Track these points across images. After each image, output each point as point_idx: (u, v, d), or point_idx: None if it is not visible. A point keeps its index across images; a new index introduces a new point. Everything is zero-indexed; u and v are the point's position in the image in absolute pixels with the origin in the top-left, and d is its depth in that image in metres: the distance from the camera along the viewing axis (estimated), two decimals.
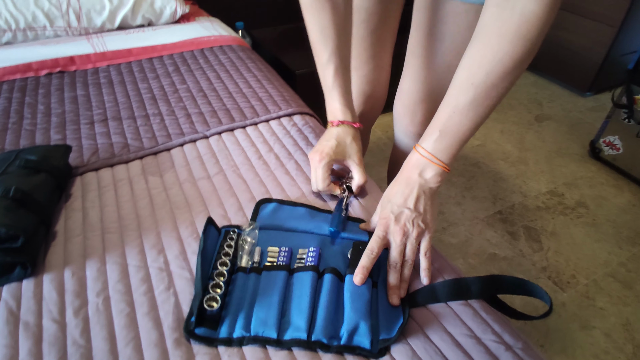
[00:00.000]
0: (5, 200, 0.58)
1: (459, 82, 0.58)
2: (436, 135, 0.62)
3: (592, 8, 2.20)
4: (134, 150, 0.83)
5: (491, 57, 0.54)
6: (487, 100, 0.58)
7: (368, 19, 0.88)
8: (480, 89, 0.57)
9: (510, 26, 0.51)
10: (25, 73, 1.07)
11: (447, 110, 0.60)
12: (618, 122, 1.77)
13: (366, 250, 0.59)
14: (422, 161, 0.63)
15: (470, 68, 0.57)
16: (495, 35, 0.53)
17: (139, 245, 0.64)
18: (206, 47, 1.23)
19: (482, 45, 0.55)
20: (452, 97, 0.60)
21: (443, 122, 0.61)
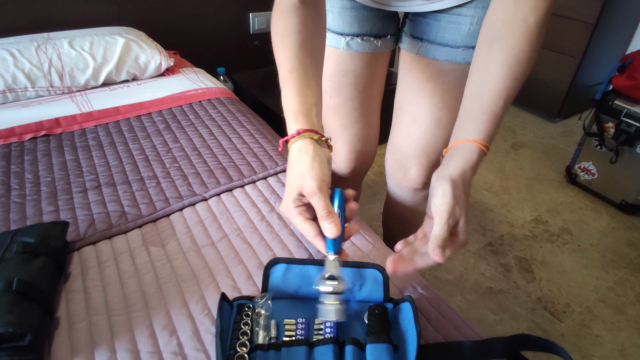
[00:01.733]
0: (8, 294, 0.54)
1: (500, 82, 0.57)
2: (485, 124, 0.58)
3: (555, 41, 2.34)
4: (132, 219, 0.80)
5: (517, 60, 0.57)
6: (514, 90, 0.59)
7: (356, 81, 0.90)
8: (511, 90, 0.58)
9: (527, 32, 0.56)
10: (8, 139, 1.04)
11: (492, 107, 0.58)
12: (590, 149, 1.85)
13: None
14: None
15: (504, 69, 0.58)
16: (516, 38, 0.57)
17: (149, 328, 0.61)
18: (194, 101, 1.23)
19: (506, 50, 0.57)
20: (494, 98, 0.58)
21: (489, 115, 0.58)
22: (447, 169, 0.55)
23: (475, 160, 0.56)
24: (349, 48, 0.86)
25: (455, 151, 0.57)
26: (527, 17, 0.56)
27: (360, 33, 0.85)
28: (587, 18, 2.16)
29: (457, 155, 0.56)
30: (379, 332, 0.59)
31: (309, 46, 0.64)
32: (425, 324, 0.65)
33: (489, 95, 0.57)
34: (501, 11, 0.58)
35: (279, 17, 0.64)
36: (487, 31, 0.60)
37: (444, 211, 0.52)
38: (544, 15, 0.57)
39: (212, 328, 0.61)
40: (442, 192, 0.53)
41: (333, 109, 0.95)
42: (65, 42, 1.27)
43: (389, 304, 0.65)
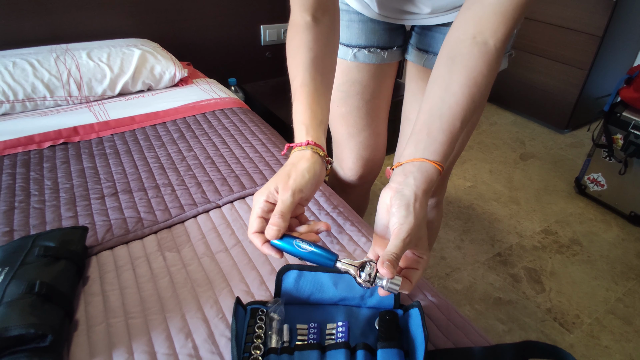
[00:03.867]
0: (31, 296, 0.56)
1: (451, 109, 0.56)
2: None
3: (563, 53, 2.35)
4: (148, 225, 0.82)
5: (476, 83, 0.57)
6: (471, 112, 0.59)
7: (362, 91, 0.92)
8: (459, 116, 0.57)
9: (488, 56, 0.57)
10: (28, 146, 1.07)
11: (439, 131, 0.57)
12: (600, 160, 1.85)
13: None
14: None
15: (458, 93, 0.57)
16: (476, 61, 0.57)
17: (165, 330, 0.63)
18: (208, 111, 1.26)
19: (466, 72, 0.57)
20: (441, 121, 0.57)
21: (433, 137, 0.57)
22: (408, 188, 0.53)
23: (434, 182, 0.55)
24: (356, 59, 0.88)
25: (415, 169, 0.54)
26: (488, 40, 0.56)
27: (367, 45, 0.87)
28: (595, 30, 2.18)
29: (418, 174, 0.54)
30: (389, 338, 0.60)
31: (320, 64, 0.67)
32: (436, 331, 0.65)
33: (448, 116, 0.56)
34: (463, 31, 0.58)
35: (294, 35, 0.68)
36: (449, 49, 0.59)
37: (405, 231, 0.50)
38: (503, 40, 0.57)
39: (227, 331, 0.63)
40: (405, 213, 0.51)
41: (340, 117, 0.97)
42: (83, 53, 1.31)
43: (399, 310, 0.66)
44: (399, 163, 0.56)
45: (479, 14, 0.56)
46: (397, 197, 0.53)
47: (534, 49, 2.49)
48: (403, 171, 0.55)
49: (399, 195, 0.53)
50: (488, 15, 0.55)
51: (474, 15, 0.57)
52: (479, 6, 0.56)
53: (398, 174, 0.55)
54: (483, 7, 0.56)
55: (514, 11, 0.54)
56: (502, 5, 0.54)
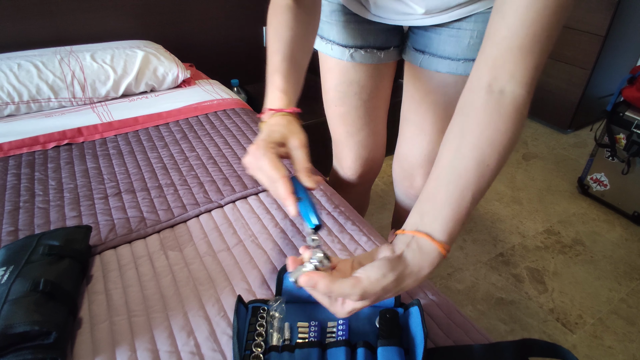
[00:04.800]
0: (35, 294, 0.57)
1: (464, 167, 0.49)
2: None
3: (565, 52, 2.35)
4: (151, 224, 0.83)
5: (490, 144, 0.49)
6: (487, 179, 0.50)
7: (360, 91, 0.93)
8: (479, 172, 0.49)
9: (506, 108, 0.48)
10: (32, 147, 1.08)
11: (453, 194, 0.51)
12: (602, 160, 1.85)
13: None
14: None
15: (473, 150, 0.50)
16: (491, 116, 0.49)
17: (168, 328, 0.63)
18: (210, 111, 1.26)
19: (478, 130, 0.49)
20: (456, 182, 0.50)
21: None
22: (404, 262, 0.48)
23: (432, 268, 0.49)
24: (352, 60, 0.89)
25: (417, 246, 0.49)
26: (505, 88, 0.47)
27: (363, 45, 0.88)
28: (597, 30, 2.18)
29: (419, 254, 0.48)
30: (389, 336, 0.60)
31: (300, 42, 0.67)
32: (436, 329, 0.66)
33: (456, 185, 0.49)
34: (476, 79, 0.49)
35: (274, 14, 0.68)
36: (462, 102, 0.51)
37: (363, 287, 0.45)
38: (525, 83, 0.47)
39: (228, 329, 0.63)
40: (381, 277, 0.46)
41: (339, 117, 0.98)
42: (87, 55, 1.33)
43: (399, 308, 0.66)
44: (403, 230, 0.51)
45: (493, 54, 0.48)
46: (389, 262, 0.47)
47: None
48: (407, 242, 0.50)
49: (391, 261, 0.47)
50: (502, 53, 0.47)
51: (487, 57, 0.48)
52: (491, 45, 0.48)
53: (402, 242, 0.50)
54: (496, 45, 0.47)
55: (532, 43, 0.45)
56: (517, 38, 0.45)
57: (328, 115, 1.01)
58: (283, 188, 0.52)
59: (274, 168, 0.53)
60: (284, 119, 0.60)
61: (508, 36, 0.46)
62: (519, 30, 0.45)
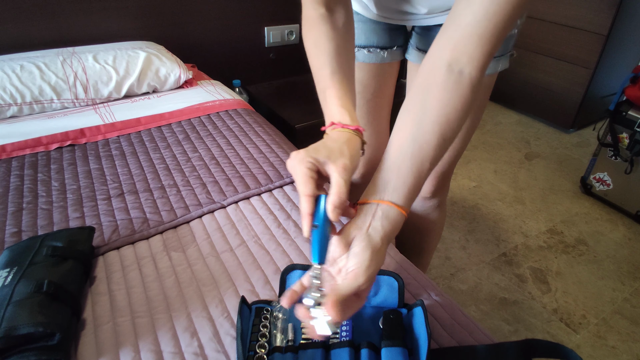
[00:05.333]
0: (39, 295, 0.57)
1: (413, 139, 0.54)
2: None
3: (567, 52, 2.34)
4: (154, 225, 0.83)
5: (448, 121, 0.53)
6: (443, 151, 0.56)
7: (363, 90, 0.93)
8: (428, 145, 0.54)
9: (463, 89, 0.53)
10: (35, 148, 1.08)
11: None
12: (605, 160, 1.84)
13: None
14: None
15: (424, 125, 0.54)
16: (450, 94, 0.53)
17: (171, 329, 0.63)
18: (212, 112, 1.27)
19: (439, 106, 0.54)
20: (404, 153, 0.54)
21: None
22: (375, 232, 0.51)
23: (398, 230, 0.54)
24: (356, 59, 0.89)
25: (383, 215, 0.52)
26: (464, 69, 0.52)
27: (367, 45, 0.87)
28: (600, 29, 2.17)
29: (386, 222, 0.52)
30: (393, 336, 0.60)
31: (344, 52, 0.65)
32: (440, 330, 0.66)
33: (418, 157, 0.53)
34: (438, 57, 0.54)
35: (310, 27, 0.66)
36: (424, 77, 0.55)
37: (362, 276, 0.49)
38: (480, 68, 0.52)
39: (232, 330, 0.63)
40: (369, 258, 0.49)
41: None
42: (89, 56, 1.33)
43: (403, 309, 0.66)
44: (365, 200, 0.54)
45: (456, 36, 0.52)
46: (363, 239, 0.50)
47: (539, 48, 2.48)
48: (371, 212, 0.52)
49: (365, 237, 0.51)
50: (465, 38, 0.51)
51: (450, 38, 0.53)
52: (455, 28, 0.52)
53: (366, 213, 0.53)
54: (460, 28, 0.52)
55: (491, 34, 0.50)
56: (480, 27, 0.50)
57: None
58: (303, 206, 0.51)
59: (301, 183, 0.51)
60: (345, 136, 0.56)
61: (472, 23, 0.50)
62: (483, 19, 0.50)
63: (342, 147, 0.55)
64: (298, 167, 0.52)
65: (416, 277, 0.74)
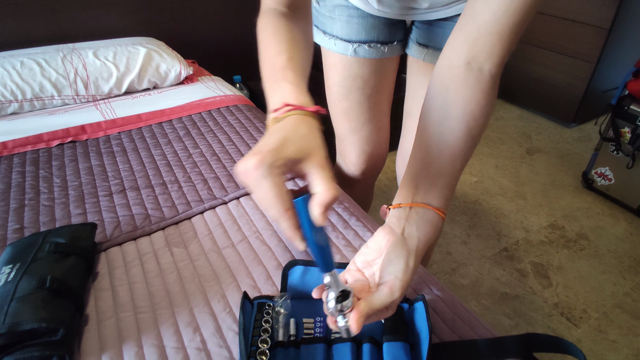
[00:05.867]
0: (42, 291, 0.58)
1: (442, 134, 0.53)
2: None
3: (569, 45, 2.33)
4: (156, 221, 0.83)
5: (474, 117, 0.53)
6: (472, 149, 0.55)
7: (364, 86, 0.93)
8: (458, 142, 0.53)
9: (484, 85, 0.52)
10: (36, 145, 1.08)
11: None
12: (607, 154, 1.84)
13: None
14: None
15: (451, 122, 0.53)
16: (472, 91, 0.52)
17: (174, 325, 0.63)
18: (213, 108, 1.26)
19: (463, 103, 0.53)
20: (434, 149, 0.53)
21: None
22: (412, 238, 0.49)
23: (439, 232, 0.52)
24: (356, 55, 0.88)
25: (418, 217, 0.50)
26: (483, 66, 0.52)
27: (367, 40, 0.87)
28: (602, 23, 2.16)
29: (422, 223, 0.50)
30: (395, 331, 0.60)
31: (301, 45, 0.59)
32: (441, 324, 0.66)
33: (447, 156, 0.52)
34: (456, 56, 0.53)
35: (268, 20, 0.61)
36: (442, 77, 0.54)
37: (399, 288, 0.47)
38: (499, 64, 0.52)
39: (234, 325, 0.64)
40: (404, 267, 0.48)
41: (342, 113, 0.97)
42: (90, 52, 1.33)
43: (404, 304, 0.66)
44: (398, 205, 0.52)
45: (474, 35, 0.52)
46: (398, 246, 0.49)
47: (540, 42, 2.47)
48: (405, 215, 0.50)
49: (400, 244, 0.49)
50: (483, 36, 0.51)
51: (468, 37, 0.52)
52: (472, 27, 0.52)
53: (399, 217, 0.51)
54: (477, 27, 0.51)
55: (510, 30, 0.50)
56: (498, 24, 0.50)
57: (331, 111, 1.01)
58: (286, 225, 0.41)
59: (274, 198, 0.40)
60: (304, 124, 0.44)
61: (491, 21, 0.50)
62: (502, 17, 0.49)
63: (310, 136, 0.44)
64: (267, 179, 0.39)
65: (417, 273, 0.74)
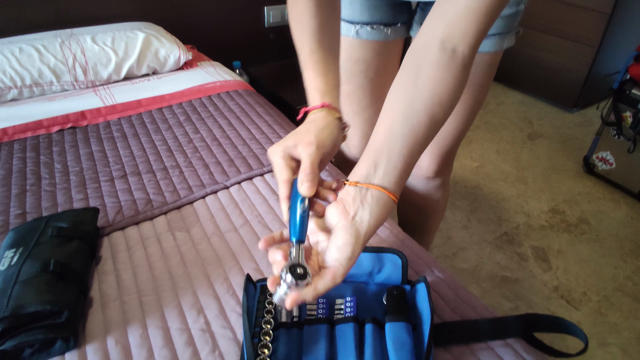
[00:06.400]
0: (45, 274, 0.58)
1: (406, 115, 0.52)
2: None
3: (571, 30, 2.31)
4: (158, 206, 0.83)
5: (440, 102, 0.52)
6: (433, 133, 0.55)
7: (366, 69, 0.92)
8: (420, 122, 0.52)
9: (456, 68, 0.52)
10: (36, 131, 1.08)
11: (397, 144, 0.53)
12: (608, 139, 1.83)
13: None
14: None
15: (420, 103, 0.52)
16: (443, 74, 0.52)
17: (178, 307, 0.64)
18: (213, 93, 1.26)
19: (432, 86, 0.52)
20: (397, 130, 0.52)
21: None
22: (363, 224, 0.49)
23: (387, 217, 0.52)
24: (358, 36, 0.87)
25: (373, 201, 0.50)
26: (457, 47, 0.50)
27: (370, 21, 0.86)
28: (603, 7, 2.13)
29: (376, 208, 0.50)
30: (397, 312, 0.61)
31: (327, 29, 0.64)
32: (443, 306, 0.66)
33: (410, 138, 0.51)
34: (431, 34, 0.52)
35: (294, 3, 0.64)
36: (416, 55, 0.53)
37: (341, 274, 0.48)
38: (473, 46, 0.51)
39: (237, 307, 0.64)
40: (350, 255, 0.48)
41: (344, 96, 0.97)
42: (88, 38, 1.31)
43: (406, 285, 0.67)
44: (354, 182, 0.52)
45: (450, 12, 0.50)
46: (349, 230, 0.49)
47: (542, 27, 2.44)
48: (360, 196, 0.50)
49: (351, 229, 0.49)
50: (459, 14, 0.50)
51: (444, 14, 0.51)
52: (451, 3, 0.50)
53: (354, 197, 0.51)
54: (454, 4, 0.50)
55: (488, 10, 0.49)
56: (476, 2, 0.48)
57: None
58: (280, 191, 0.53)
59: (276, 171, 0.54)
60: (313, 117, 0.58)
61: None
62: None
63: (308, 127, 0.56)
64: (272, 158, 0.54)
65: (419, 255, 0.74)
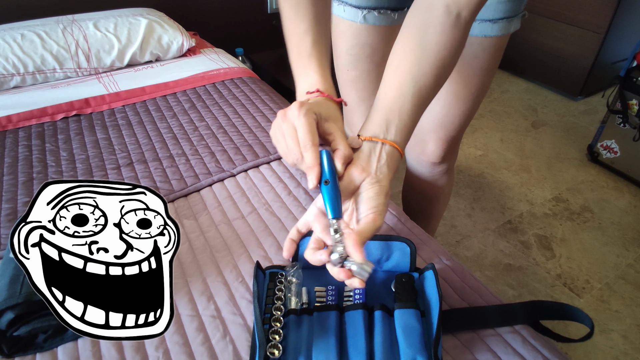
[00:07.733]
0: None
1: (412, 75, 0.54)
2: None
3: (578, 16, 2.28)
4: (165, 194, 0.83)
5: (444, 65, 0.55)
6: (434, 95, 0.58)
7: (373, 54, 0.91)
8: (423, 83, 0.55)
9: (458, 32, 0.54)
10: (41, 118, 1.08)
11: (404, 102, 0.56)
12: (613, 127, 1.82)
13: None
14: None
15: (422, 62, 0.55)
16: (447, 37, 0.54)
17: (188, 294, 0.64)
18: (217, 80, 1.25)
19: (437, 49, 0.54)
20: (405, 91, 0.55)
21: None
22: (384, 177, 0.52)
23: (396, 171, 0.55)
24: (365, 21, 0.86)
25: (388, 157, 0.53)
26: (461, 12, 0.52)
27: (377, 6, 0.85)
28: None
29: (392, 163, 0.53)
30: (406, 299, 0.61)
31: (323, 17, 0.65)
32: (451, 293, 0.67)
33: (418, 98, 0.54)
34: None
35: None
36: (421, 15, 0.55)
37: (379, 221, 0.50)
38: (474, 11, 0.53)
39: (247, 294, 0.65)
40: (383, 203, 0.51)
41: (350, 82, 0.96)
42: (90, 24, 1.30)
43: (414, 273, 0.67)
44: (370, 137, 0.53)
45: None
46: (374, 184, 0.51)
47: (548, 12, 2.41)
48: (376, 153, 0.53)
49: (375, 183, 0.52)
50: None
51: None
52: None
53: (369, 154, 0.53)
54: None
55: None
56: None
57: (339, 80, 0.99)
58: (312, 156, 0.49)
59: (307, 132, 0.49)
60: (327, 103, 0.57)
61: None
62: None
63: (337, 113, 0.57)
64: (304, 117, 0.49)
65: (427, 243, 0.75)
